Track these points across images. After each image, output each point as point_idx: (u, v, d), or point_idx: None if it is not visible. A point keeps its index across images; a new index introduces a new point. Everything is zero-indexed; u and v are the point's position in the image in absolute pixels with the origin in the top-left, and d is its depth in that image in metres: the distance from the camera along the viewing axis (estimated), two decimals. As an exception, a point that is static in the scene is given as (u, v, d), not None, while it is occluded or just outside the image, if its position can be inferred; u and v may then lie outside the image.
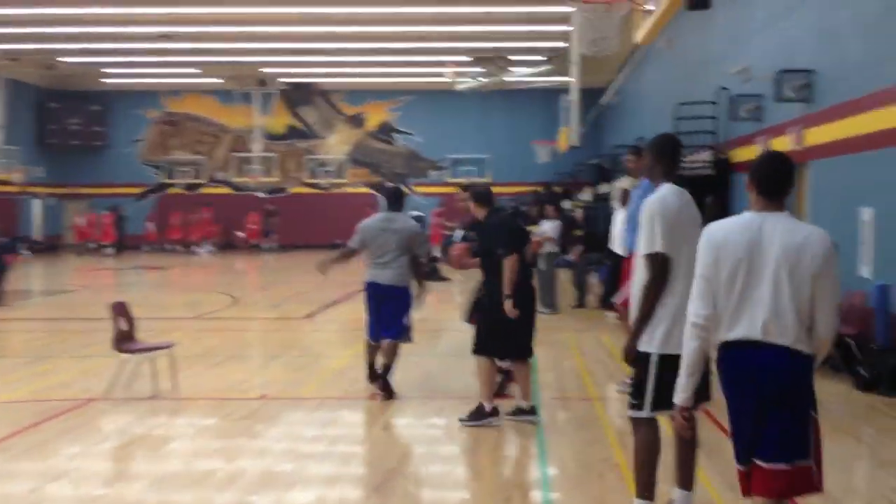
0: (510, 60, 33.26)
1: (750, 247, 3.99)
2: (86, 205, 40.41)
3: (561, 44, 31.08)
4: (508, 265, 7.43)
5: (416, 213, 30.14)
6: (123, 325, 9.09)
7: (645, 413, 4.99)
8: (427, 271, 9.35)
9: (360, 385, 9.55)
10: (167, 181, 40.86)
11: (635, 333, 4.96)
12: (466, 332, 9.07)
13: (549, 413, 8.22)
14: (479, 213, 8.02)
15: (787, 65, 12.75)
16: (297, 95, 40.75)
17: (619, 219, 14.75)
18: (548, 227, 15.53)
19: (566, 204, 27.22)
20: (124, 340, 9.03)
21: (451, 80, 31.64)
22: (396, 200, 9.50)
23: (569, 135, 23.06)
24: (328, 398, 9.02)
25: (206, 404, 8.74)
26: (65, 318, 15.80)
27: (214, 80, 38.61)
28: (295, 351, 12.27)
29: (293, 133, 41.13)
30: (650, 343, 4.93)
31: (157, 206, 40.06)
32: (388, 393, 8.84)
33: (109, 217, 37.82)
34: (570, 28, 25.31)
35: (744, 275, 4.00)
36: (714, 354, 4.23)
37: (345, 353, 11.85)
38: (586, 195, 30.00)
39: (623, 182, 22.92)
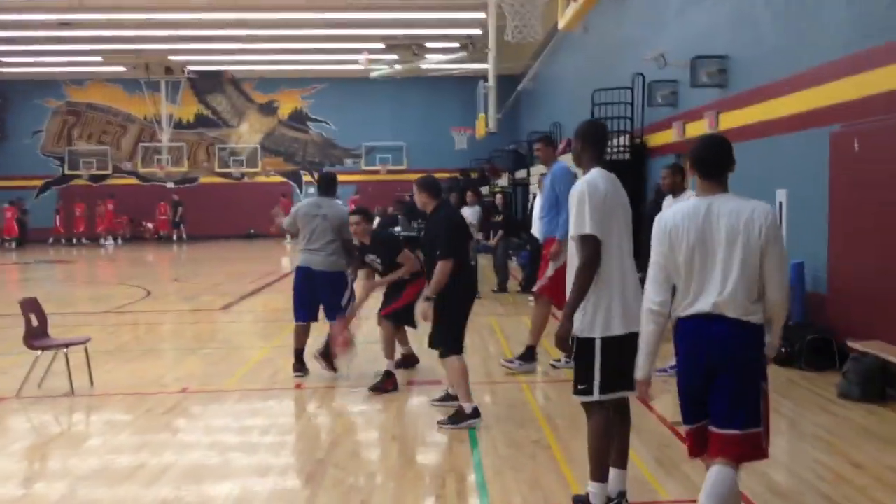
0: (425, 48, 33.18)
1: (700, 231, 4.21)
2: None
3: (476, 31, 31.13)
4: (441, 268, 7.20)
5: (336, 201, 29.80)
6: (34, 321, 8.75)
7: (595, 397, 5.00)
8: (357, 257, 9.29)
9: (283, 376, 9.43)
10: (70, 172, 39.69)
11: (568, 316, 4.93)
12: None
13: (478, 397, 8.13)
14: (428, 204, 7.59)
15: (702, 51, 12.97)
16: (206, 83, 40.00)
17: (539, 203, 14.88)
18: (468, 214, 15.52)
19: (483, 190, 27.29)
20: (36, 337, 8.69)
21: (364, 68, 31.41)
22: (328, 186, 9.58)
23: (486, 121, 23.08)
24: (251, 390, 8.85)
25: (125, 400, 8.48)
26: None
27: (119, 68, 37.60)
28: (213, 343, 12.02)
29: (202, 122, 40.40)
30: (592, 328, 4.93)
31: (61, 199, 38.87)
32: (330, 364, 9.32)
33: (11, 210, 36.58)
34: (485, 15, 25.36)
35: (699, 258, 4.21)
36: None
37: (264, 344, 11.67)
38: (503, 181, 30.16)
39: (542, 168, 23.15)
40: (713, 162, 4.31)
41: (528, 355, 9.49)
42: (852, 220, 8.69)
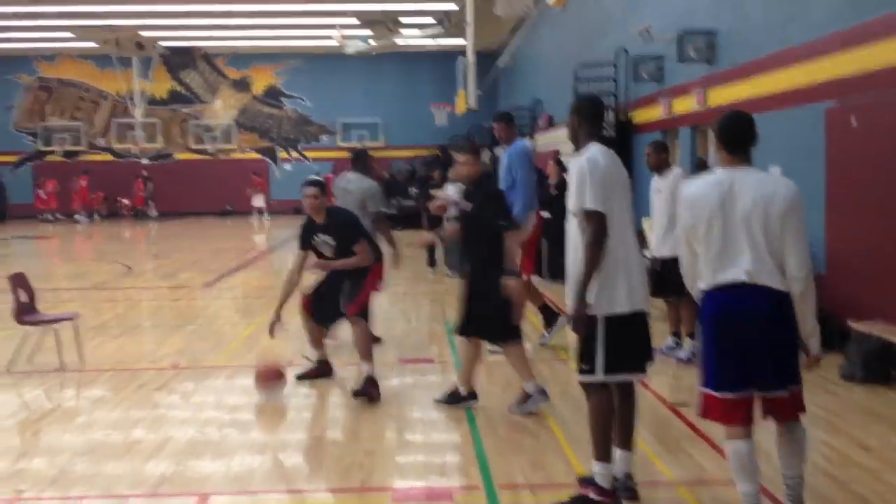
0: (400, 23, 32.93)
1: (721, 201, 4.37)
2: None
3: (452, 6, 30.94)
4: (516, 239, 6.84)
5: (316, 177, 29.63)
6: (24, 297, 8.62)
7: (598, 377, 4.92)
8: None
9: (273, 353, 9.33)
10: (44, 149, 39.17)
11: (580, 295, 4.81)
12: (387, 298, 8.98)
13: (474, 376, 8.17)
14: (474, 171, 6.96)
15: (688, 25, 12.93)
16: (179, 59, 39.50)
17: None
18: (452, 191, 15.43)
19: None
20: (26, 312, 8.57)
21: (339, 44, 31.13)
22: (356, 161, 9.58)
23: (466, 98, 22.93)
24: (242, 366, 8.77)
25: (116, 376, 8.39)
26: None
27: (90, 44, 37.05)
28: (199, 320, 11.91)
29: (176, 98, 39.93)
30: (595, 306, 4.84)
31: (40, 175, 38.30)
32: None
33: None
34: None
35: (720, 227, 4.37)
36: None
37: (250, 321, 11.57)
38: (483, 157, 30.08)
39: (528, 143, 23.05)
40: (738, 136, 4.46)
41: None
42: (850, 197, 8.65)
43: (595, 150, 4.98)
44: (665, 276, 8.52)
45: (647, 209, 9.33)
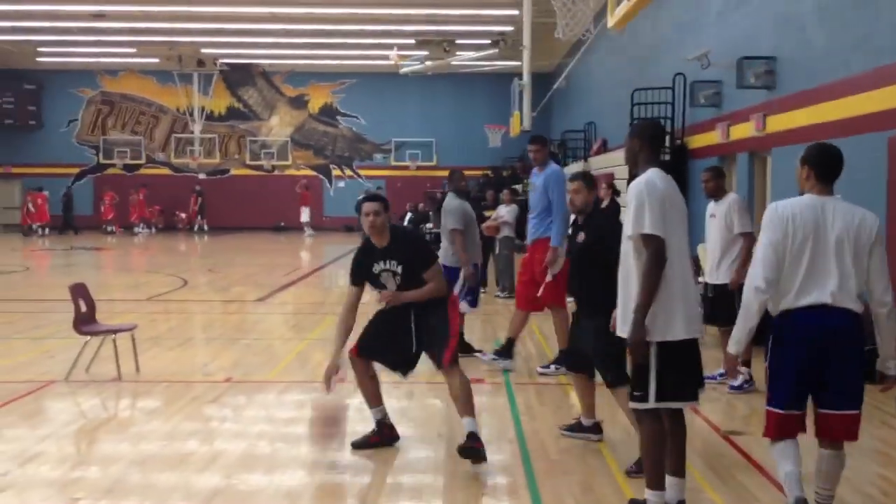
0: (455, 44, 33.12)
1: (816, 224, 4.63)
2: (20, 185, 39.50)
3: (508, 28, 31.05)
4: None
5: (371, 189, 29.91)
6: (83, 307, 8.80)
7: (650, 404, 4.89)
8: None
9: (323, 369, 9.37)
10: (105, 161, 39.98)
11: (640, 322, 4.76)
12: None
13: (523, 398, 8.17)
14: (588, 199, 6.84)
15: (746, 52, 12.84)
16: (238, 76, 40.14)
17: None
18: (505, 212, 15.49)
19: (517, 188, 27.21)
20: (85, 322, 8.75)
21: (395, 63, 31.39)
22: (449, 180, 10.19)
23: (520, 119, 22.97)
24: (294, 382, 8.86)
25: (171, 387, 8.51)
26: (9, 299, 15.28)
27: (152, 59, 37.82)
28: (252, 334, 12.04)
29: (234, 114, 40.55)
30: (651, 332, 4.80)
31: (104, 186, 39.03)
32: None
33: (41, 197, 36.99)
34: (519, 12, 25.25)
35: (811, 248, 4.61)
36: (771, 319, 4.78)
37: (302, 337, 11.66)
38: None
39: (579, 167, 23.02)
40: (831, 168, 4.77)
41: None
42: (912, 226, 8.51)
43: (653, 174, 4.96)
44: (718, 303, 8.44)
45: (701, 235, 9.25)
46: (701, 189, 9.16)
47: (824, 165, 4.75)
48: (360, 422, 7.08)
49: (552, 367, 9.28)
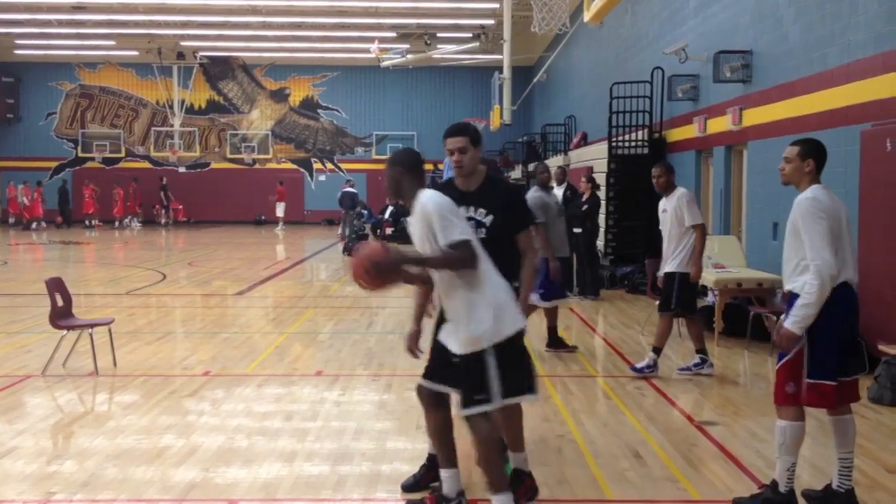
0: (436, 37, 33.13)
1: (840, 213, 5.07)
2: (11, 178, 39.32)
3: (489, 21, 31.09)
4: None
5: (350, 188, 29.79)
6: (60, 301, 8.77)
7: (496, 403, 4.68)
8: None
9: (303, 362, 9.48)
10: (84, 155, 39.76)
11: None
12: (404, 310, 9.02)
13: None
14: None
15: (723, 46, 12.92)
16: (218, 69, 40.01)
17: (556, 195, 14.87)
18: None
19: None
20: (62, 316, 8.72)
21: (376, 56, 31.38)
22: (534, 174, 10.34)
23: (500, 113, 23.03)
24: (273, 375, 8.86)
25: (148, 381, 8.50)
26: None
27: (131, 52, 37.62)
28: (231, 328, 12.02)
29: (214, 107, 40.41)
30: (480, 340, 4.62)
31: (80, 181, 38.83)
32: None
33: (38, 191, 36.99)
34: (499, 6, 25.29)
35: (843, 235, 5.06)
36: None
37: (282, 330, 11.66)
38: (516, 173, 30.15)
39: (559, 160, 23.09)
40: (825, 161, 5.23)
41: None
42: (883, 219, 8.60)
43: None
44: (667, 291, 8.65)
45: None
46: (677, 181, 9.21)
47: (824, 159, 5.19)
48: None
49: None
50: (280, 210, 36.30)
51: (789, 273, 5.15)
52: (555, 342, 10.06)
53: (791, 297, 5.11)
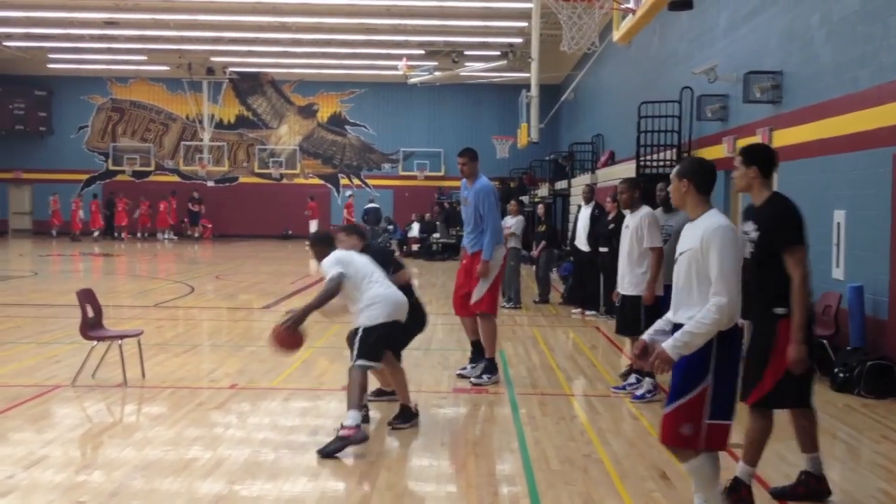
0: (464, 55, 33.24)
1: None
2: (30, 191, 39.85)
3: (517, 40, 31.14)
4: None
5: (373, 204, 29.84)
6: (90, 312, 8.85)
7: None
8: None
9: (329, 376, 9.51)
10: (114, 168, 40.17)
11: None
12: (428, 327, 9.09)
13: (526, 408, 8.19)
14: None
15: (753, 66, 12.88)
16: (247, 85, 40.33)
17: (583, 215, 14.83)
18: (512, 223, 15.50)
19: (524, 200, 27.27)
20: (92, 327, 8.80)
21: (403, 74, 31.53)
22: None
23: (528, 130, 23.06)
24: (299, 389, 8.89)
25: (176, 393, 8.56)
26: (16, 304, 15.36)
27: (162, 67, 38.02)
28: (258, 342, 12.05)
29: (243, 122, 40.71)
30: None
31: (109, 194, 39.24)
32: None
33: (96, 203, 37.61)
34: (527, 24, 25.33)
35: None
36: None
37: (308, 345, 11.64)
38: (542, 191, 30.12)
39: (586, 179, 23.04)
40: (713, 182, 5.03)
41: (493, 367, 9.40)
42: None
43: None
44: (625, 313, 8.62)
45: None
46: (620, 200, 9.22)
47: (713, 182, 4.90)
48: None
49: (485, 376, 9.27)
50: (314, 227, 35.58)
51: (683, 303, 4.76)
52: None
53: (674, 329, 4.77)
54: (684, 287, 4.74)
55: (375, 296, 7.17)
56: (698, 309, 4.59)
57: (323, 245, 7.59)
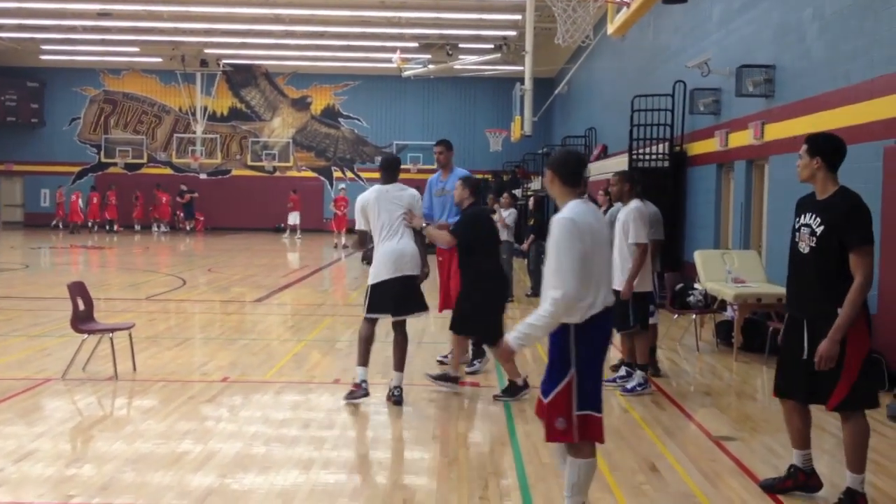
0: (458, 48, 33.21)
1: (598, 231, 4.79)
2: (21, 183, 39.76)
3: (511, 33, 31.13)
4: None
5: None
6: (81, 305, 8.84)
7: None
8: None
9: (321, 370, 9.51)
10: (106, 160, 40.07)
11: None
12: (420, 321, 9.10)
13: (517, 403, 8.20)
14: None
15: (746, 60, 12.89)
16: (241, 77, 40.24)
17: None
18: (505, 215, 15.50)
19: (516, 193, 27.28)
20: (82, 320, 8.78)
21: (397, 66, 31.49)
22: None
23: (521, 124, 23.04)
24: (291, 382, 8.90)
25: (167, 386, 8.55)
26: (6, 296, 15.32)
27: (155, 59, 37.92)
28: (250, 335, 12.07)
29: (236, 115, 40.63)
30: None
31: (102, 186, 39.16)
32: None
33: (97, 196, 37.66)
34: (521, 17, 25.31)
35: (600, 256, 4.83)
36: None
37: (300, 338, 11.70)
38: (535, 184, 30.14)
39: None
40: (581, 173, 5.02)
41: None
42: (905, 236, 8.55)
43: None
44: (616, 309, 8.61)
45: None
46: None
47: (576, 173, 4.86)
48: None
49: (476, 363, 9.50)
50: (294, 218, 35.62)
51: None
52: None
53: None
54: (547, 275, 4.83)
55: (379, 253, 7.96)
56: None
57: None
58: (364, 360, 8.01)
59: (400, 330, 8.17)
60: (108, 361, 8.86)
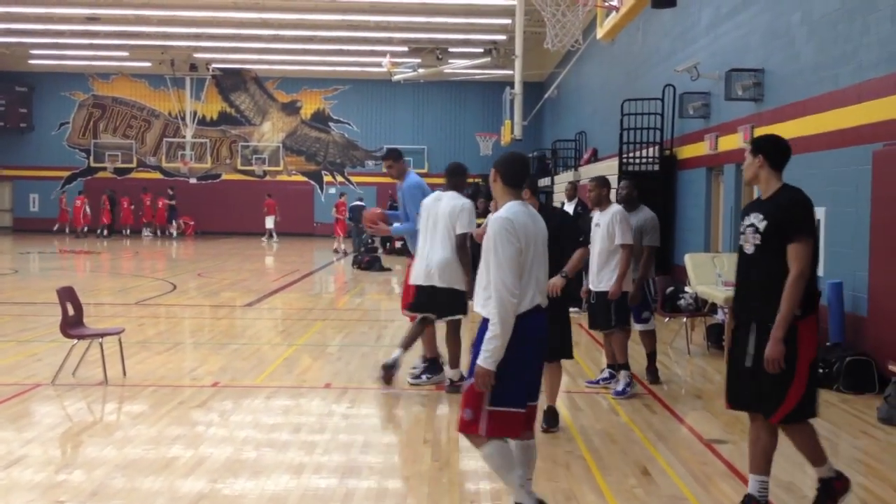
0: (448, 52, 33.24)
1: (533, 231, 4.87)
2: (10, 187, 39.60)
3: (500, 37, 31.18)
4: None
5: (359, 202, 29.80)
6: (71, 310, 8.80)
7: None
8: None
9: (311, 374, 9.49)
10: (96, 165, 39.96)
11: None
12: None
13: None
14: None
15: (735, 64, 12.93)
16: (230, 81, 40.20)
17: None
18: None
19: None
20: (72, 325, 8.75)
21: (387, 70, 31.50)
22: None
23: (511, 128, 23.08)
24: (281, 387, 8.87)
25: (157, 391, 8.52)
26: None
27: (144, 63, 37.85)
28: (241, 339, 12.04)
29: (226, 119, 40.58)
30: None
31: (90, 190, 39.07)
32: None
33: (81, 199, 37.61)
34: (511, 21, 25.35)
35: (537, 254, 4.91)
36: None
37: (291, 342, 11.67)
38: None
39: (569, 176, 23.09)
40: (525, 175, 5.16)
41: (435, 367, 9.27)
42: (894, 239, 8.58)
43: None
44: (598, 309, 8.67)
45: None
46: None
47: (520, 174, 5.03)
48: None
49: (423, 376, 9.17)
50: (270, 222, 36.07)
51: (481, 295, 4.90)
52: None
53: (483, 323, 4.86)
54: (480, 278, 4.94)
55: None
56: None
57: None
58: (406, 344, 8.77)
59: (452, 328, 8.68)
60: (97, 366, 8.83)
